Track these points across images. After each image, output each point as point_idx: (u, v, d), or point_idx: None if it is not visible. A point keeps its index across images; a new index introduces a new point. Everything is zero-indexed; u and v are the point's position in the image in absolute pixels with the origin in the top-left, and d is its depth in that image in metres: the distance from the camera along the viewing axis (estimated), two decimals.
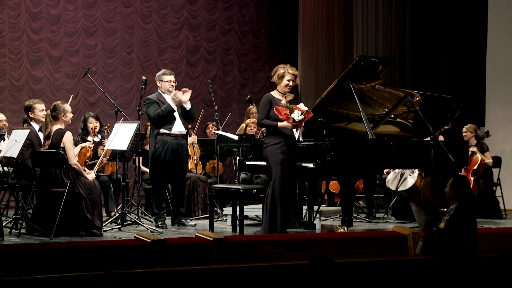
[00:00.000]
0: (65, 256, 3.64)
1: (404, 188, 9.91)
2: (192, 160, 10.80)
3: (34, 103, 8.62)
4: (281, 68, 7.90)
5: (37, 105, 8.58)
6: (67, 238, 7.60)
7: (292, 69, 7.86)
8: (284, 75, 7.83)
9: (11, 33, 13.11)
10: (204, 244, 3.92)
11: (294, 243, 4.15)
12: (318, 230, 8.68)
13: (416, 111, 8.68)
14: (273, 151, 7.72)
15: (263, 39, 15.93)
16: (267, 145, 7.78)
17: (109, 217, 8.67)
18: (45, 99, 13.03)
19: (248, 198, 7.77)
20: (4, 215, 9.03)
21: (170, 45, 14.76)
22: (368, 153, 8.09)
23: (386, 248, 4.35)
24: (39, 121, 8.54)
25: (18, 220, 8.10)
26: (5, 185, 8.42)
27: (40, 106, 8.60)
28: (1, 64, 13.02)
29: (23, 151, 8.07)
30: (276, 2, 16.01)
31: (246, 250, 4.01)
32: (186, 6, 14.95)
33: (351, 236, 4.55)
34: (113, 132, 8.38)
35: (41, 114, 8.53)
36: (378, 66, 8.60)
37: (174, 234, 8.25)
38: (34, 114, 8.55)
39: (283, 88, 7.87)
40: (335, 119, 8.98)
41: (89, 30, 13.87)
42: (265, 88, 15.72)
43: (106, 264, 3.67)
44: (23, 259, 3.55)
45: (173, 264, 3.78)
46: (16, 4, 13.15)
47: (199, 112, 12.91)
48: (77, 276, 3.36)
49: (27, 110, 8.63)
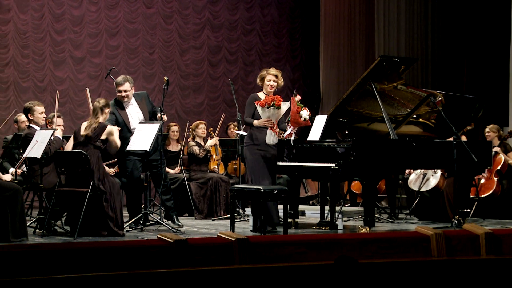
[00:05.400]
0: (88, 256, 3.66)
1: (426, 189, 9.85)
2: (214, 160, 10.83)
3: (34, 105, 8.65)
4: (263, 71, 8.57)
5: (37, 107, 8.61)
6: (90, 238, 7.65)
7: (274, 70, 8.49)
8: (265, 76, 8.44)
9: (34, 34, 13.22)
10: (226, 244, 3.92)
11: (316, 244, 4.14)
12: (340, 231, 8.65)
13: (439, 111, 8.64)
14: (250, 151, 8.37)
15: (284, 39, 15.93)
16: (246, 145, 8.47)
17: (131, 217, 8.70)
18: (68, 100, 13.14)
19: (270, 198, 7.77)
20: (28, 215, 9.10)
21: (192, 46, 14.81)
22: (391, 154, 8.06)
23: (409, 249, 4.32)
24: (39, 123, 8.58)
25: (42, 220, 8.16)
26: (29, 184, 8.48)
27: (40, 108, 8.63)
28: (25, 65, 13.13)
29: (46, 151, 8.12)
30: (298, 2, 15.99)
31: (268, 250, 4.00)
32: (208, 6, 14.99)
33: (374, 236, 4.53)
34: (135, 133, 8.41)
35: (41, 116, 8.58)
36: (400, 66, 8.57)
37: (197, 234, 8.28)
38: (33, 116, 8.58)
39: (266, 89, 8.44)
40: (357, 119, 8.95)
41: (112, 31, 13.95)
42: (287, 89, 15.71)
43: (129, 264, 3.69)
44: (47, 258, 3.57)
45: (195, 264, 3.79)
46: (39, 6, 13.26)
47: (221, 112, 12.94)
48: (100, 276, 3.37)
49: (26, 112, 8.66)
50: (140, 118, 8.68)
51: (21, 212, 7.41)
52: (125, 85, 8.65)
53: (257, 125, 8.33)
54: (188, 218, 10.44)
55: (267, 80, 8.42)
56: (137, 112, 8.73)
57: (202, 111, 14.87)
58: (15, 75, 13.04)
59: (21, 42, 13.12)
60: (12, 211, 7.27)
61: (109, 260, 3.66)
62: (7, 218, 7.23)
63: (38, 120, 8.57)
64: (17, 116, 10.17)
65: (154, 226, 8.62)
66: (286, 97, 15.51)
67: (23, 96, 12.91)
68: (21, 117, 9.96)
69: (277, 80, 8.42)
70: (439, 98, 8.76)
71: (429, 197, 9.88)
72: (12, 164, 9.21)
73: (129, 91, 8.68)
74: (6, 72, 12.98)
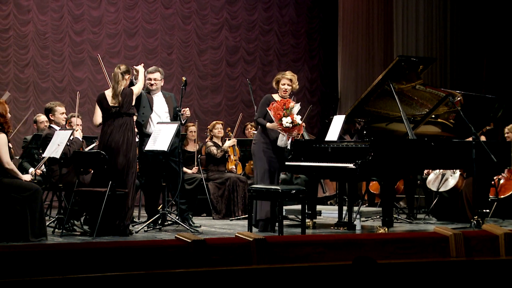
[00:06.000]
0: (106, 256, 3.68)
1: (445, 189, 9.80)
2: (232, 161, 10.84)
3: (56, 106, 8.73)
4: (279, 74, 8.72)
5: (58, 108, 8.69)
6: (109, 238, 7.69)
7: (289, 74, 8.58)
8: (280, 80, 8.58)
9: (54, 35, 13.30)
10: (244, 244, 3.93)
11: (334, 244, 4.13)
12: (358, 231, 8.64)
13: (458, 111, 8.60)
14: (258, 149, 8.50)
15: (302, 39, 15.92)
16: (255, 142, 8.61)
17: (149, 217, 8.73)
18: (87, 101, 13.21)
19: (287, 198, 7.76)
20: (47, 215, 9.16)
21: (210, 46, 14.83)
22: (409, 154, 8.03)
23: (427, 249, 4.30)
24: (59, 123, 8.65)
25: (61, 220, 8.21)
26: (48, 184, 8.54)
27: (61, 109, 8.72)
28: (44, 66, 13.22)
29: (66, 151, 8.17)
30: (316, 2, 15.97)
31: (286, 250, 4.00)
32: (226, 7, 15.00)
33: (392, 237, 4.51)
34: (153, 133, 8.44)
35: (62, 116, 8.66)
36: (418, 66, 8.54)
37: (215, 234, 8.30)
38: (54, 117, 8.66)
39: (280, 92, 8.56)
40: (375, 119, 8.93)
41: (130, 31, 14.00)
42: (305, 89, 15.72)
43: (147, 264, 3.70)
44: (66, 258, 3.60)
45: (213, 264, 3.79)
46: (59, 7, 13.34)
47: (239, 113, 12.95)
48: (118, 276, 3.39)
49: (47, 112, 8.74)
50: (164, 108, 8.75)
51: (40, 212, 7.46)
52: (155, 74, 8.81)
53: (270, 128, 8.40)
54: (206, 218, 10.46)
55: (282, 84, 8.54)
56: (162, 102, 8.80)
57: (220, 111, 14.89)
58: (34, 76, 13.13)
59: (40, 43, 13.21)
60: (31, 211, 7.32)
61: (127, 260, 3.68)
62: (27, 218, 7.28)
63: (59, 120, 8.66)
64: (36, 117, 10.25)
65: (172, 226, 8.65)
66: (304, 97, 15.55)
67: (43, 97, 13.00)
68: (40, 118, 10.03)
69: (292, 84, 8.52)
70: (458, 98, 8.72)
71: (447, 198, 9.83)
72: (31, 164, 9.28)
73: (158, 81, 8.81)
74: (26, 73, 13.07)
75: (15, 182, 7.37)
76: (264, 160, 8.46)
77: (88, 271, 3.46)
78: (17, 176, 7.44)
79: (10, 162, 7.41)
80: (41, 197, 7.56)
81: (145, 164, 8.74)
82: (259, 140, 8.54)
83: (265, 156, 8.47)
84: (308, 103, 14.63)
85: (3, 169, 7.35)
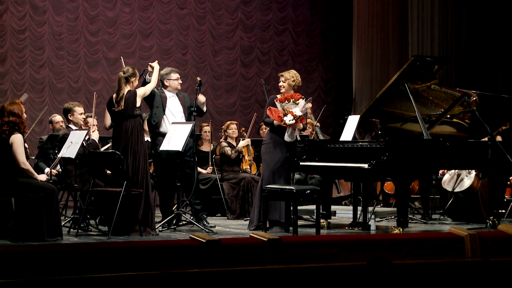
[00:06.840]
0: (121, 256, 3.69)
1: (460, 189, 9.75)
2: (247, 161, 10.85)
3: (74, 106, 8.78)
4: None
5: (77, 108, 8.74)
6: (124, 238, 7.71)
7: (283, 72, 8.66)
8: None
9: (69, 36, 13.37)
10: (258, 244, 3.93)
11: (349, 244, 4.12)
12: (373, 231, 8.62)
13: (473, 111, 8.56)
14: (265, 150, 8.55)
15: (317, 39, 15.90)
16: (264, 143, 8.68)
17: (164, 217, 8.75)
18: (102, 101, 13.25)
19: (302, 198, 7.76)
20: (62, 215, 9.20)
21: (225, 46, 14.85)
22: (424, 154, 8.00)
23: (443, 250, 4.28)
24: (78, 124, 8.69)
25: (76, 220, 8.25)
26: (63, 184, 8.58)
27: (80, 109, 8.77)
28: (60, 66, 13.28)
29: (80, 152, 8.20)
30: (330, 2, 15.95)
31: (300, 251, 4.00)
32: (241, 7, 15.01)
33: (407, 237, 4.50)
34: (168, 134, 8.46)
35: (80, 117, 8.71)
36: (433, 66, 8.51)
37: (230, 234, 8.30)
38: (73, 117, 8.70)
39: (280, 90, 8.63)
40: (390, 119, 8.91)
41: (145, 31, 14.04)
42: (319, 89, 15.71)
43: (162, 263, 3.71)
44: (81, 258, 3.61)
45: (228, 264, 3.79)
46: (74, 7, 13.41)
47: (253, 113, 12.94)
48: (134, 276, 3.40)
49: (66, 112, 8.78)
50: (179, 108, 8.77)
51: (56, 212, 7.49)
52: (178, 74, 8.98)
53: (277, 124, 8.38)
54: (220, 218, 10.47)
55: (279, 82, 8.66)
56: (177, 102, 8.83)
57: (235, 112, 14.90)
58: (50, 76, 13.19)
59: (56, 44, 13.27)
60: (47, 211, 7.35)
61: (142, 259, 3.69)
62: (42, 217, 7.31)
63: (78, 120, 8.71)
64: (52, 117, 10.29)
65: (187, 226, 8.66)
66: (318, 97, 15.53)
67: (58, 97, 13.07)
68: (56, 118, 10.07)
69: (286, 80, 8.54)
70: (473, 98, 8.68)
71: (463, 198, 9.79)
72: (47, 164, 9.33)
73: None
74: (41, 73, 13.14)
75: (31, 182, 7.41)
76: (271, 161, 8.47)
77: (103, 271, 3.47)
78: (33, 176, 7.48)
79: (26, 162, 7.45)
80: (56, 197, 7.60)
81: (159, 164, 8.75)
82: (268, 141, 8.59)
83: (273, 157, 8.47)
84: (323, 103, 14.61)
85: (19, 169, 7.39)
